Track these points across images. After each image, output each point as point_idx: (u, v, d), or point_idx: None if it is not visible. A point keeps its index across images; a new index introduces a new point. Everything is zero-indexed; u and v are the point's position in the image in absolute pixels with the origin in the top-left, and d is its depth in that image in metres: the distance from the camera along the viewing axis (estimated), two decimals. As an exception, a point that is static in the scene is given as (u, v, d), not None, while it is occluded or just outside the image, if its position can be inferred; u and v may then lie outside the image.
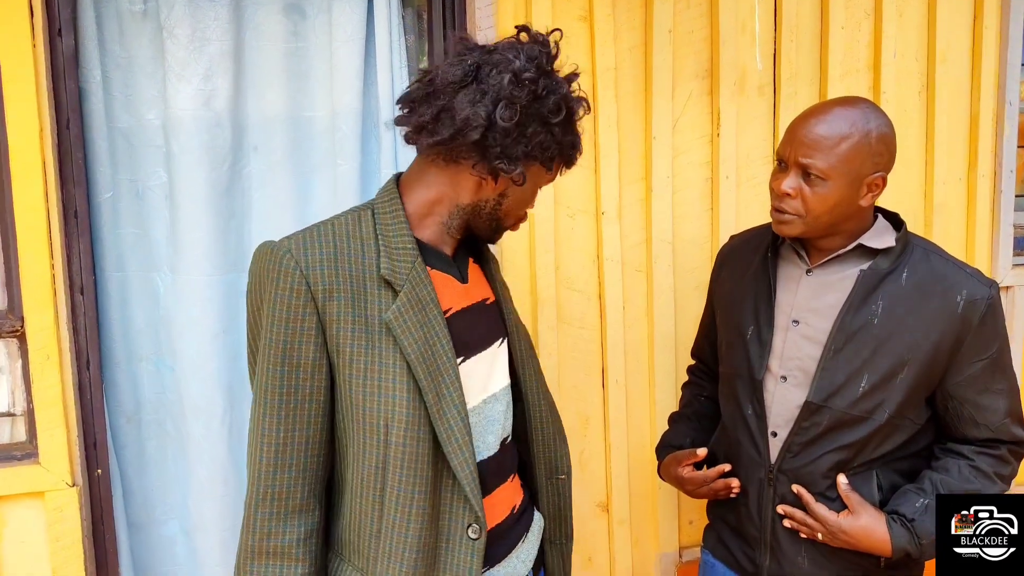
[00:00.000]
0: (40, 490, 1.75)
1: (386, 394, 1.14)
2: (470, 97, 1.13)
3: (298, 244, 1.14)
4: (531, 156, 1.18)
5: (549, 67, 1.17)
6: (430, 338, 1.16)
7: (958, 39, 2.25)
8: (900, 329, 1.43)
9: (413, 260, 1.18)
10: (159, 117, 1.83)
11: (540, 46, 1.18)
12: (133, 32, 1.81)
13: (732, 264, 1.68)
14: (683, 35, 2.06)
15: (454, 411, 1.17)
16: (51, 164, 1.71)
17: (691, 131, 2.10)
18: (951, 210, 2.29)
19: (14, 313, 1.73)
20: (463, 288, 1.27)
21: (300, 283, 1.12)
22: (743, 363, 1.56)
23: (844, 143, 1.38)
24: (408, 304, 1.15)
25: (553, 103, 1.16)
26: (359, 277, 1.15)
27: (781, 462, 1.51)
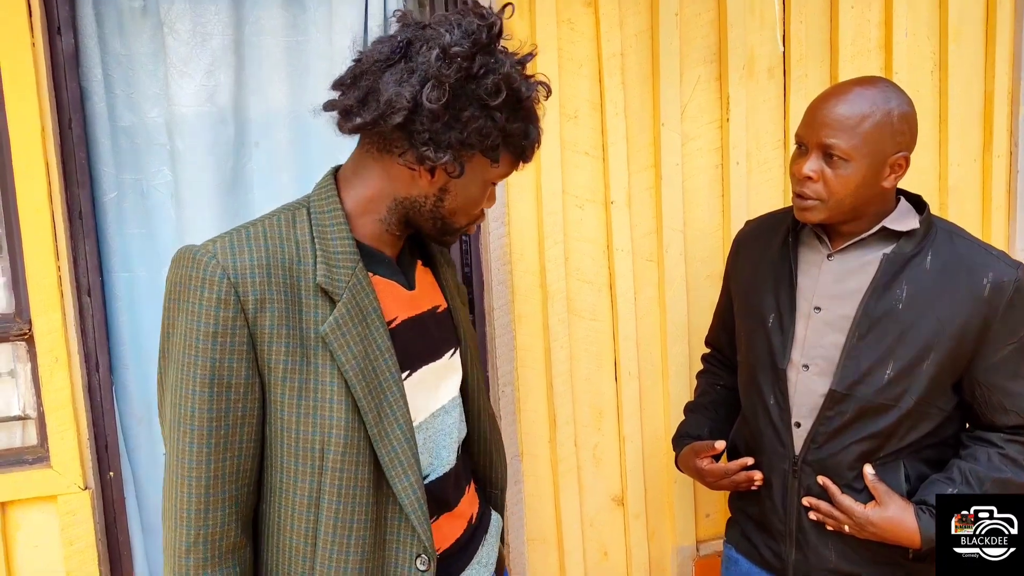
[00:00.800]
0: (53, 494, 1.74)
1: (322, 415, 1.03)
2: (396, 76, 1.01)
3: (225, 248, 1.01)
4: (467, 144, 1.04)
5: (490, 43, 1.02)
6: (371, 353, 1.06)
7: (971, 16, 2.20)
8: (926, 314, 1.39)
9: (353, 266, 1.06)
10: (162, 115, 1.81)
11: (479, 19, 1.03)
12: (133, 29, 1.79)
13: (749, 249, 1.64)
14: (690, 18, 2.03)
15: (398, 431, 1.07)
16: (54, 165, 1.69)
17: (700, 116, 2.07)
18: (966, 191, 2.25)
19: (21, 316, 1.72)
20: (409, 296, 1.16)
21: (228, 293, 0.99)
22: (765, 352, 1.52)
23: (866, 122, 1.34)
24: (347, 315, 1.04)
25: (492, 83, 1.01)
26: (294, 285, 1.03)
27: (806, 453, 1.47)
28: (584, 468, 2.11)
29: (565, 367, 2.04)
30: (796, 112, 2.09)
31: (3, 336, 1.73)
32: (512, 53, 1.07)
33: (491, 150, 1.07)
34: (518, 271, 1.99)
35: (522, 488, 2.05)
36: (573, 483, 2.10)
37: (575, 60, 1.96)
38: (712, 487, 1.63)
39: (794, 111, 2.10)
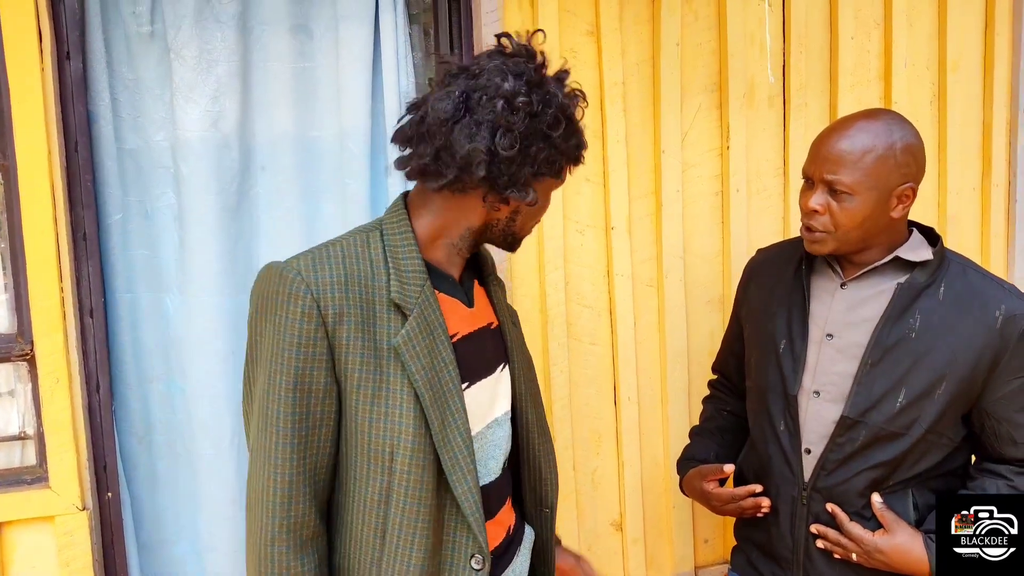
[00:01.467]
0: (50, 514, 1.74)
1: (392, 420, 1.11)
2: (466, 132, 1.09)
3: (308, 265, 1.10)
4: (540, 174, 1.14)
5: (539, 78, 1.12)
6: (437, 364, 1.14)
7: (969, 48, 2.23)
8: (938, 344, 1.40)
9: (423, 283, 1.14)
10: (167, 138, 1.83)
11: (525, 58, 1.12)
12: (141, 54, 1.81)
13: (761, 277, 1.65)
14: (691, 48, 2.05)
15: (459, 439, 1.14)
16: (60, 187, 1.71)
17: (700, 144, 2.09)
18: (965, 221, 2.27)
19: (24, 337, 1.73)
20: (469, 312, 1.24)
21: (311, 307, 1.08)
22: (776, 377, 1.53)
23: (868, 156, 1.37)
24: (417, 329, 1.12)
25: (551, 117, 1.11)
26: (369, 300, 1.12)
27: (815, 480, 1.47)
28: (583, 492, 2.11)
29: (564, 391, 2.04)
30: (796, 141, 2.11)
31: (5, 356, 1.73)
32: (554, 77, 1.15)
33: (559, 172, 1.17)
34: (519, 295, 2.00)
35: (520, 513, 2.05)
36: (572, 507, 2.09)
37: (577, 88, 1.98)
38: (717, 512, 1.63)
39: (794, 140, 2.12)
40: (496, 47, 1.16)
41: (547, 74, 1.14)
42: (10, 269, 1.74)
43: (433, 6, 1.95)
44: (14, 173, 1.68)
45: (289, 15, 1.86)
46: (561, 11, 1.95)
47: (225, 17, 1.81)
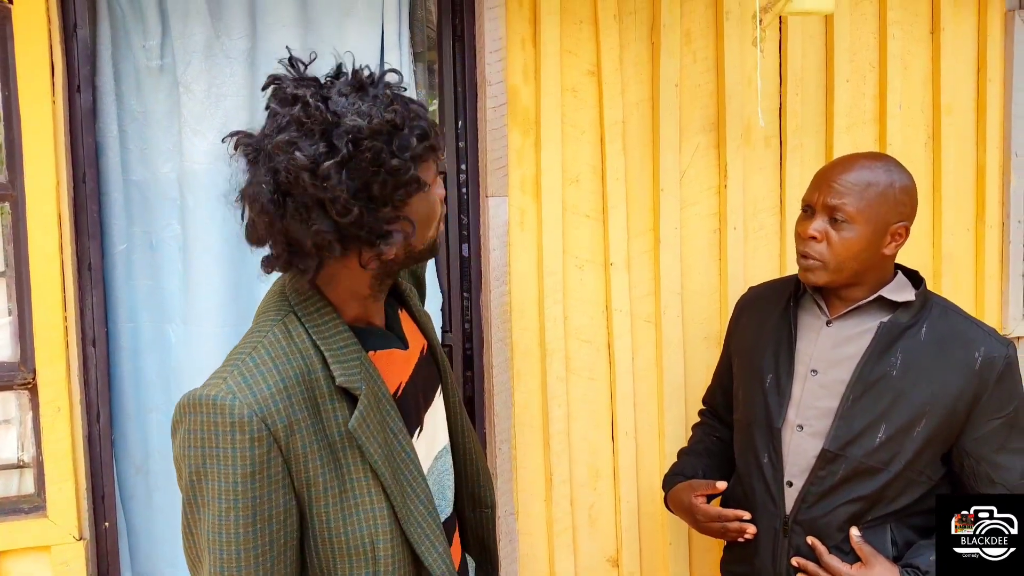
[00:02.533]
0: (47, 544, 1.74)
1: (365, 510, 1.05)
2: (297, 220, 0.98)
3: (240, 385, 0.99)
4: (400, 211, 1.02)
5: (330, 119, 0.96)
6: (388, 437, 1.08)
7: (962, 91, 2.27)
8: (919, 382, 1.44)
9: (360, 356, 1.07)
10: (174, 170, 1.86)
11: (300, 107, 0.98)
12: (150, 87, 1.85)
13: (751, 313, 1.71)
14: (690, 89, 2.09)
15: (421, 508, 1.11)
16: (67, 217, 1.73)
17: (698, 183, 2.12)
18: (959, 261, 2.29)
19: (26, 365, 1.74)
20: (403, 355, 1.17)
21: (260, 429, 0.97)
22: (761, 411, 1.57)
23: (871, 189, 1.44)
24: (369, 407, 1.05)
25: (370, 151, 0.96)
26: (312, 397, 1.03)
27: (796, 512, 1.51)
28: (579, 528, 2.10)
29: (562, 426, 2.05)
30: (792, 180, 2.15)
31: (7, 384, 1.75)
32: (350, 98, 0.99)
33: (416, 181, 1.02)
34: (517, 329, 2.02)
35: (516, 547, 2.05)
36: (568, 542, 2.09)
37: (578, 126, 2.02)
38: (700, 529, 1.64)
39: (790, 179, 2.15)
40: (269, 102, 1.04)
41: (333, 102, 0.98)
42: (15, 298, 1.76)
43: (438, 45, 1.99)
44: (22, 203, 1.71)
45: (296, 51, 1.88)
46: (563, 51, 1.99)
47: (234, 53, 1.85)
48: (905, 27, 2.20)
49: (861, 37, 2.18)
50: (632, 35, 2.05)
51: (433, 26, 2.01)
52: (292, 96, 1.00)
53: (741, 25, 2.08)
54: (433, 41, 2.01)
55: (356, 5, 1.90)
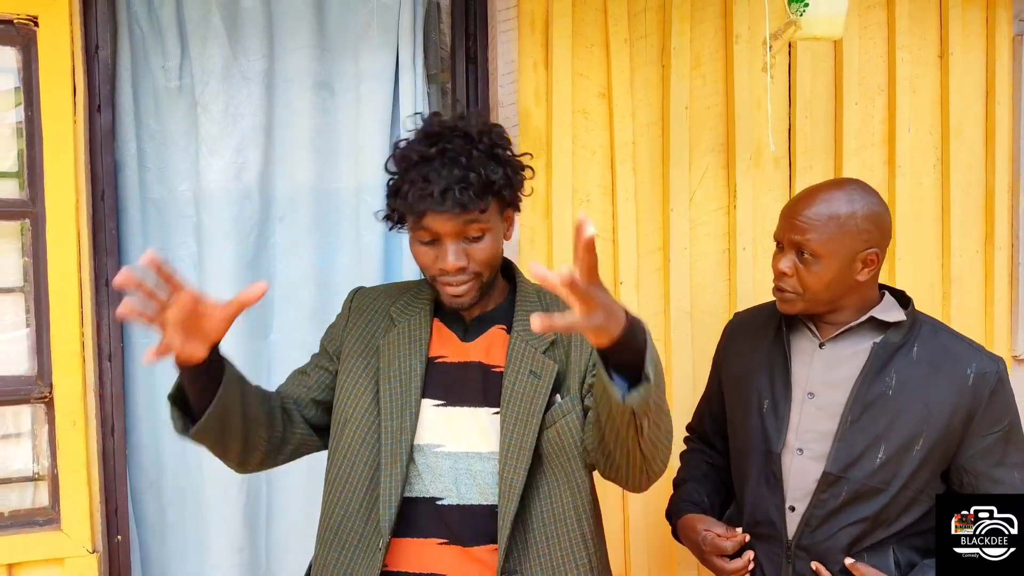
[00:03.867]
0: (61, 556, 1.75)
1: (355, 396, 1.36)
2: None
3: (371, 287, 1.51)
4: (408, 230, 1.33)
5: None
6: (404, 369, 1.35)
7: (971, 114, 2.29)
8: (914, 401, 1.46)
9: (421, 307, 1.40)
10: (191, 189, 1.89)
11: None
12: (168, 107, 1.88)
13: (741, 339, 1.70)
14: (699, 111, 2.12)
15: (399, 432, 1.32)
16: (85, 234, 1.76)
17: (708, 203, 2.14)
18: (968, 282, 2.30)
19: (43, 379, 1.77)
20: (462, 345, 1.38)
21: (348, 302, 1.47)
22: (759, 436, 1.56)
23: (832, 222, 1.45)
24: (398, 337, 1.37)
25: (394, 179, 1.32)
26: (381, 311, 1.42)
27: (799, 537, 1.50)
28: (588, 547, 2.10)
29: (571, 444, 2.05)
30: (801, 202, 2.16)
31: (24, 398, 1.77)
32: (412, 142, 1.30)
33: (396, 212, 1.33)
34: (528, 348, 2.03)
35: (525, 565, 2.05)
36: (576, 562, 2.09)
37: (588, 147, 2.05)
38: (705, 562, 1.61)
39: (799, 201, 2.16)
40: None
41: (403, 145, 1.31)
42: (33, 313, 1.78)
43: (451, 67, 2.02)
44: (42, 220, 1.74)
45: (313, 73, 1.93)
46: (575, 74, 2.02)
47: (252, 74, 1.89)
48: (913, 51, 2.22)
49: (870, 61, 2.21)
50: (642, 58, 2.08)
51: (447, 49, 2.04)
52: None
53: (750, 49, 2.10)
54: (446, 63, 2.04)
55: (371, 28, 1.94)
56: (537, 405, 1.32)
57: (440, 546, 1.31)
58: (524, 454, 1.30)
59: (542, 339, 1.35)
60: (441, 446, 1.33)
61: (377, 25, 1.94)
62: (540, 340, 1.35)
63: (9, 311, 1.83)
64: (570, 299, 1.06)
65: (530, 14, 1.99)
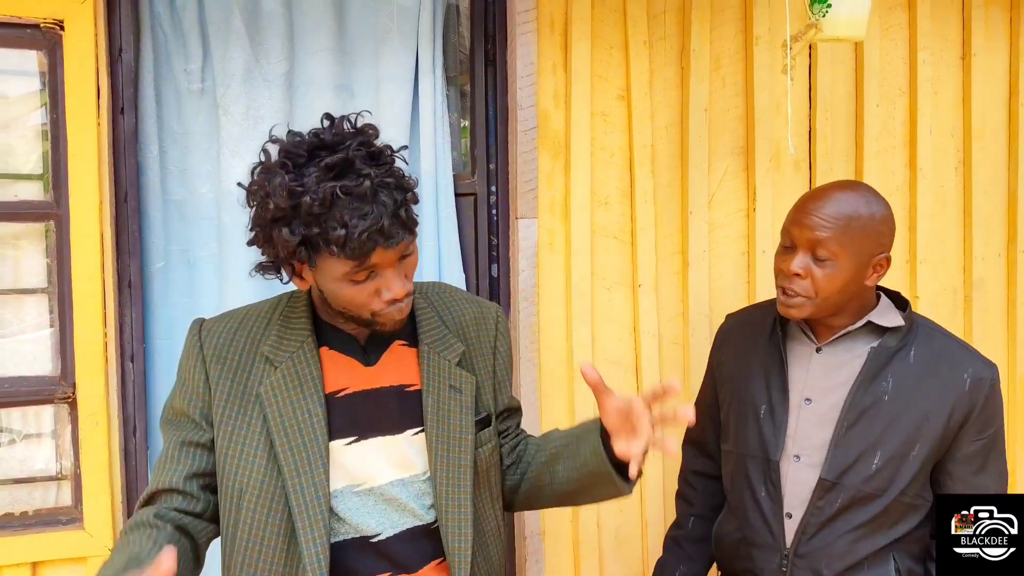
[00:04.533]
0: (83, 555, 1.77)
1: (246, 460, 1.20)
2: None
3: (214, 318, 1.31)
4: (281, 259, 1.18)
5: (277, 165, 1.14)
6: (300, 414, 1.21)
7: (994, 115, 2.26)
8: (911, 406, 1.44)
9: (302, 340, 1.24)
10: (212, 191, 1.90)
11: (276, 144, 1.19)
12: (190, 110, 1.90)
13: (735, 343, 1.66)
14: (719, 113, 2.11)
15: (312, 489, 1.19)
16: (108, 236, 1.78)
17: (727, 206, 2.13)
18: (991, 285, 2.28)
19: (66, 380, 1.78)
20: (366, 371, 1.26)
21: (195, 349, 1.26)
22: (756, 443, 1.54)
23: (853, 223, 1.41)
24: (283, 380, 1.22)
25: (260, 208, 1.15)
26: (248, 350, 1.25)
27: (797, 545, 1.49)
28: (606, 550, 2.10)
29: (589, 447, 2.05)
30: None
31: (47, 398, 1.79)
32: (314, 165, 1.13)
33: (295, 258, 1.15)
34: (545, 350, 2.03)
35: (543, 568, 2.05)
36: (594, 565, 2.09)
37: (607, 149, 2.04)
38: None
39: (820, 203, 2.15)
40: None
41: (279, 165, 1.14)
42: (56, 313, 1.80)
43: (470, 70, 2.03)
44: (67, 222, 1.76)
45: (333, 76, 1.94)
46: (593, 76, 2.02)
47: (272, 76, 1.90)
48: (935, 52, 2.20)
49: (891, 62, 2.19)
50: (662, 60, 2.07)
51: (466, 51, 2.05)
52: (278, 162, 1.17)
53: (771, 50, 2.10)
54: (466, 66, 2.04)
55: (391, 31, 1.95)
56: (467, 421, 1.29)
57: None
58: (464, 472, 1.28)
59: (452, 348, 1.31)
60: (360, 484, 1.24)
61: (397, 28, 1.95)
62: (450, 350, 1.31)
63: (33, 312, 1.85)
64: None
65: (549, 16, 1.99)
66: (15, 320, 1.85)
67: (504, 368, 1.40)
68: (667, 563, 1.75)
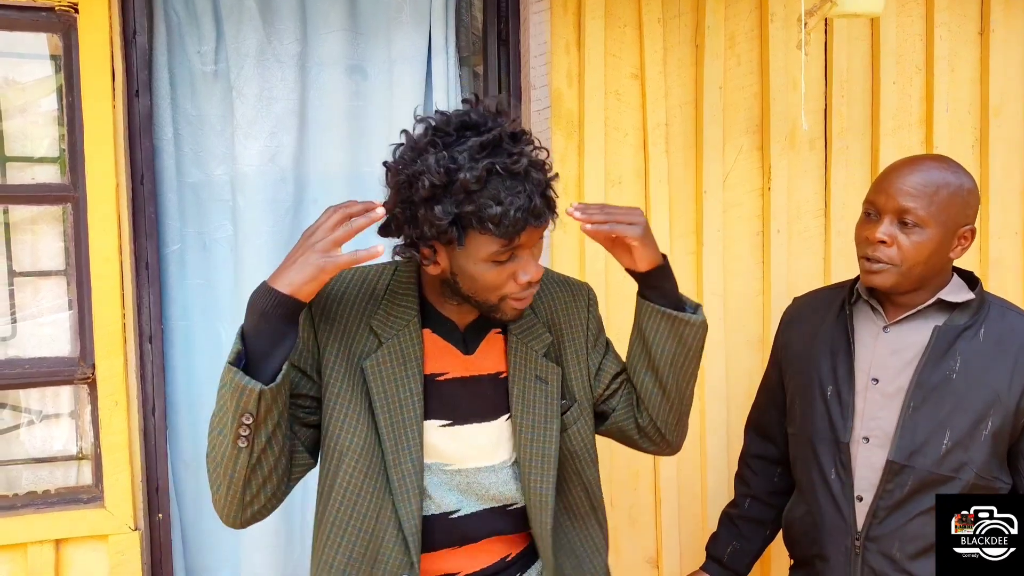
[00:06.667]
0: (104, 533, 1.80)
1: (350, 424, 1.23)
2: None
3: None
4: (423, 237, 1.15)
5: (426, 146, 1.13)
6: (402, 393, 1.24)
7: (1011, 92, 2.24)
8: (979, 384, 1.41)
9: (408, 320, 1.25)
10: (227, 172, 1.91)
11: (423, 123, 1.17)
12: (204, 92, 1.90)
13: (801, 322, 1.65)
14: (733, 91, 2.09)
15: (409, 464, 1.23)
16: (125, 218, 1.79)
17: (742, 185, 2.12)
18: (1007, 264, 2.26)
19: (86, 361, 1.80)
20: (465, 359, 1.29)
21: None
22: (824, 424, 1.52)
23: (943, 191, 1.41)
24: (388, 357, 1.24)
25: (410, 182, 1.13)
26: (356, 318, 1.25)
27: (868, 529, 1.46)
28: (620, 529, 2.11)
29: (603, 427, 2.06)
30: (837, 183, 2.14)
31: (68, 379, 1.81)
32: (468, 137, 1.12)
33: (446, 236, 1.13)
34: (560, 330, 2.04)
35: (557, 546, 2.06)
36: (609, 543, 2.10)
37: (621, 129, 2.04)
38: None
39: (835, 182, 2.14)
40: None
41: (429, 143, 1.13)
42: (75, 295, 1.82)
43: (483, 49, 2.02)
44: (84, 204, 1.77)
45: (345, 56, 1.94)
46: (607, 55, 2.01)
47: (285, 57, 1.90)
48: (953, 28, 2.18)
49: (908, 39, 2.17)
50: (676, 38, 2.06)
51: (479, 31, 2.04)
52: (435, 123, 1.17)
53: (786, 28, 2.08)
54: (478, 45, 2.04)
55: (404, 11, 1.94)
56: (552, 411, 1.32)
57: (452, 551, 1.30)
58: (549, 462, 1.31)
59: (540, 338, 1.33)
60: (449, 464, 1.28)
61: (409, 8, 1.94)
62: (538, 340, 1.33)
63: (52, 294, 1.87)
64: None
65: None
66: (34, 302, 1.87)
67: (599, 347, 1.42)
68: (720, 537, 1.77)
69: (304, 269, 1.11)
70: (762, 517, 1.74)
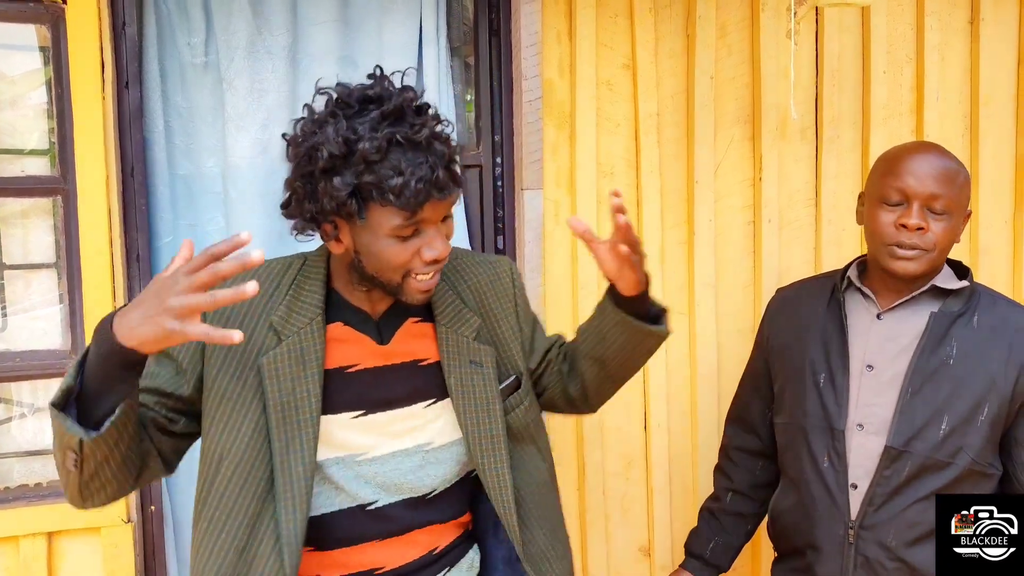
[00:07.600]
0: (97, 526, 1.80)
1: (233, 426, 1.18)
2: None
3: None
4: (324, 212, 1.13)
5: (327, 115, 1.13)
6: (298, 392, 1.19)
7: (1002, 82, 2.24)
8: (976, 369, 1.43)
9: (312, 316, 1.22)
10: (218, 165, 1.90)
11: (324, 95, 1.16)
12: (195, 84, 1.89)
13: (789, 313, 1.65)
14: (724, 81, 2.10)
15: (300, 468, 1.18)
16: (116, 210, 1.79)
17: (733, 175, 2.13)
18: (997, 253, 2.27)
19: (76, 353, 1.80)
20: (379, 349, 1.26)
21: None
22: (817, 412, 1.52)
23: (959, 177, 1.46)
24: (286, 355, 1.19)
25: (307, 154, 1.12)
26: (255, 315, 1.21)
27: (863, 517, 1.47)
28: (612, 517, 2.13)
29: (595, 417, 2.06)
30: (828, 173, 2.14)
31: (59, 372, 1.80)
32: (369, 110, 1.11)
33: (346, 209, 1.12)
34: (551, 319, 2.04)
35: (551, 536, 2.07)
36: (600, 532, 2.12)
37: (613, 119, 2.04)
38: None
39: (826, 172, 2.15)
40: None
41: (330, 115, 1.13)
42: (66, 288, 1.81)
43: (474, 40, 2.01)
44: (74, 197, 1.76)
45: (336, 47, 1.93)
46: (598, 45, 2.01)
47: (276, 49, 1.89)
48: (943, 17, 2.18)
49: (898, 28, 2.17)
50: (667, 28, 2.06)
51: (470, 21, 2.04)
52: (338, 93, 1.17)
53: (777, 18, 2.08)
54: (470, 36, 2.03)
55: (394, 2, 1.93)
56: (491, 391, 1.32)
57: (374, 544, 1.27)
58: (499, 441, 1.31)
59: (468, 323, 1.32)
60: (363, 454, 1.25)
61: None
62: (466, 326, 1.32)
63: (42, 287, 1.86)
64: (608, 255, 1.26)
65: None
66: (24, 296, 1.87)
67: (528, 319, 1.42)
68: (702, 533, 1.77)
69: (150, 327, 0.97)
70: (744, 511, 1.74)
